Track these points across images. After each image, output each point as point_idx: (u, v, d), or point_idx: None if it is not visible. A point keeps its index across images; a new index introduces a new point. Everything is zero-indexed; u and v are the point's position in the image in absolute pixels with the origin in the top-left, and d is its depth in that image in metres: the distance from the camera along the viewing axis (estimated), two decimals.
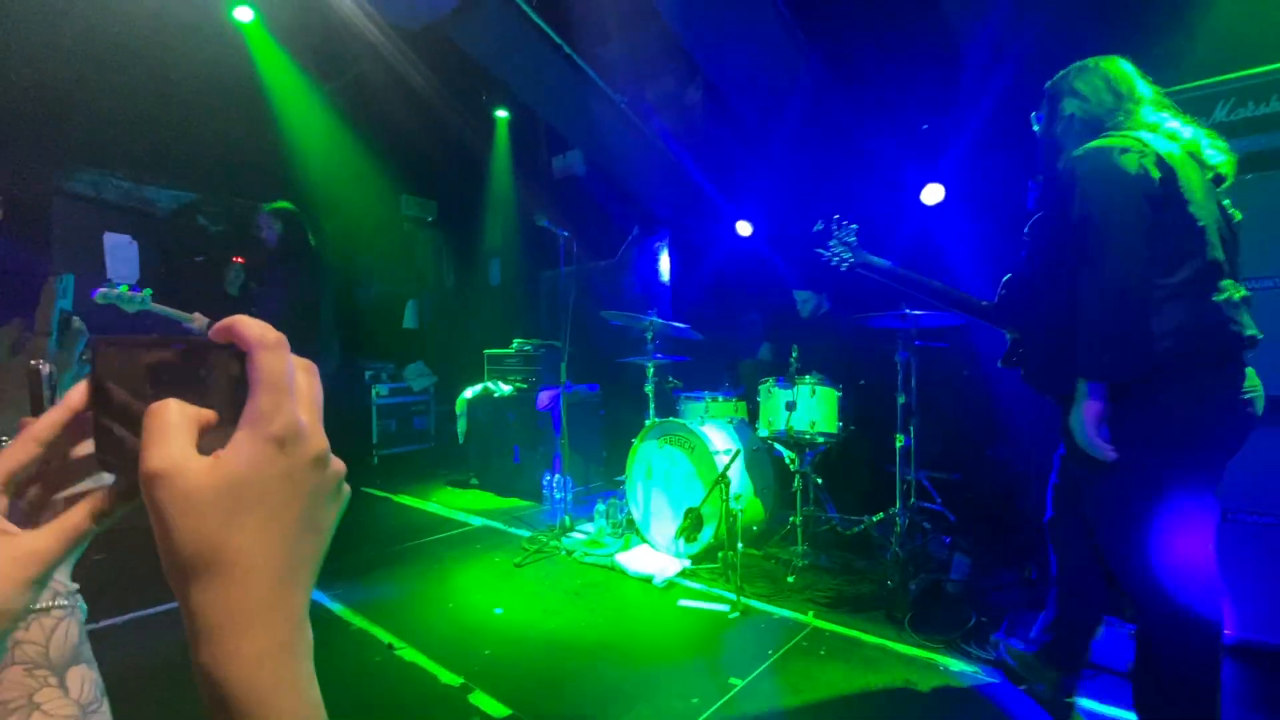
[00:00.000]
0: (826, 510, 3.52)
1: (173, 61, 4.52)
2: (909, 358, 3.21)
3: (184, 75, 4.61)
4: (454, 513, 4.38)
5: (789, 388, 3.14)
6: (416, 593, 3.02)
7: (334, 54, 5.08)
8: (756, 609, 2.70)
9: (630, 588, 2.99)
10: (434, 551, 3.61)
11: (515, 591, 3.01)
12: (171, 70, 4.55)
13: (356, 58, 5.22)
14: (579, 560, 3.32)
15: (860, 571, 3.07)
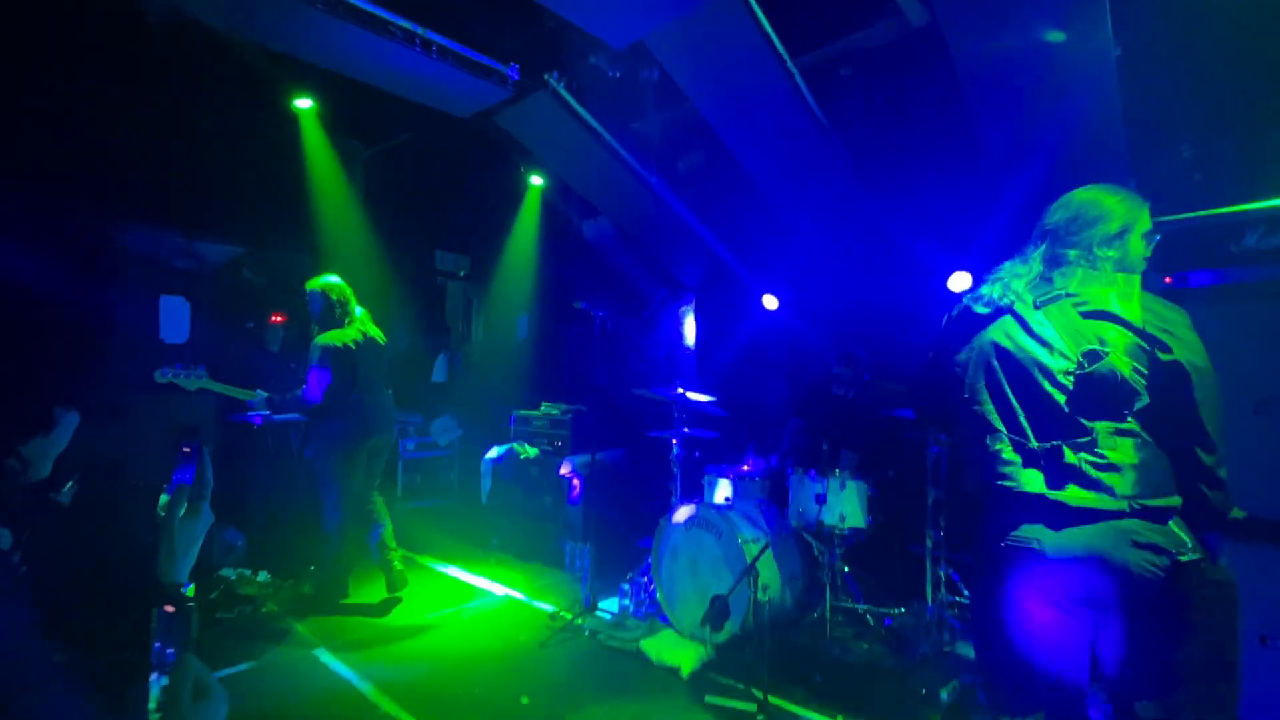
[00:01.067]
0: (854, 600, 3.49)
1: (227, 130, 4.83)
2: (939, 451, 3.23)
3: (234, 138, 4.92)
4: (477, 580, 4.39)
5: (820, 480, 3.16)
6: (444, 672, 3.03)
7: (380, 128, 5.38)
8: (784, 710, 2.67)
9: (656, 679, 2.98)
10: (460, 626, 3.63)
11: (540, 676, 3.00)
12: (223, 134, 4.85)
13: (400, 129, 5.51)
14: (604, 644, 3.31)
15: (889, 671, 3.02)
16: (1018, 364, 1.62)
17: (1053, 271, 1.66)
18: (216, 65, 4.19)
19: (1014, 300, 1.67)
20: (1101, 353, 1.50)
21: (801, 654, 3.14)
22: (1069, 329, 1.56)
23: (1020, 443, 1.60)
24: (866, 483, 3.26)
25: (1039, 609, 1.60)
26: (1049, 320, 1.61)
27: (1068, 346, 1.55)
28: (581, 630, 3.45)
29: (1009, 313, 1.67)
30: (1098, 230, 1.63)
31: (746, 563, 3.01)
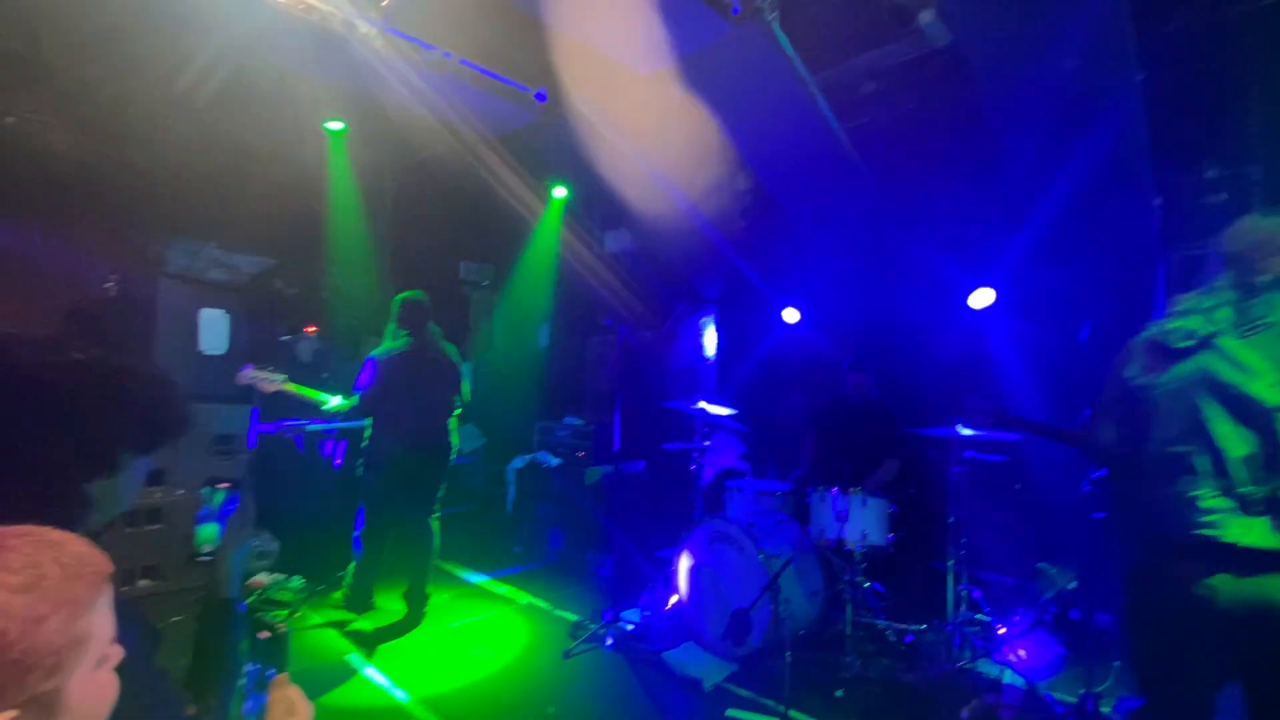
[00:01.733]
0: (875, 616, 3.52)
1: (261, 145, 5.01)
2: (960, 470, 3.25)
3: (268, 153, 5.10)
4: (502, 587, 4.49)
5: (841, 497, 3.21)
6: (474, 681, 3.12)
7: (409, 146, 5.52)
8: None
9: (678, 689, 3.04)
10: (486, 634, 3.72)
11: (565, 687, 3.08)
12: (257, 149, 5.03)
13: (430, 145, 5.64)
14: (626, 654, 3.38)
15: (909, 687, 3.05)
16: (1232, 399, 1.52)
17: (1250, 300, 1.58)
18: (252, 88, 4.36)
19: (1216, 332, 1.57)
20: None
21: (822, 668, 3.18)
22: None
23: (1228, 487, 1.51)
24: (888, 500, 3.30)
25: (1210, 657, 1.56)
26: (1259, 350, 1.51)
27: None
28: (604, 640, 3.52)
29: (1209, 346, 1.57)
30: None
31: (768, 578, 3.07)
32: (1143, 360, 1.70)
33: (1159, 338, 1.67)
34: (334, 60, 3.77)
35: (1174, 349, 1.62)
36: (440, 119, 4.25)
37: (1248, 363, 1.51)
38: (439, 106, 4.17)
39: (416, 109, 4.18)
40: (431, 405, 3.73)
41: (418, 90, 3.92)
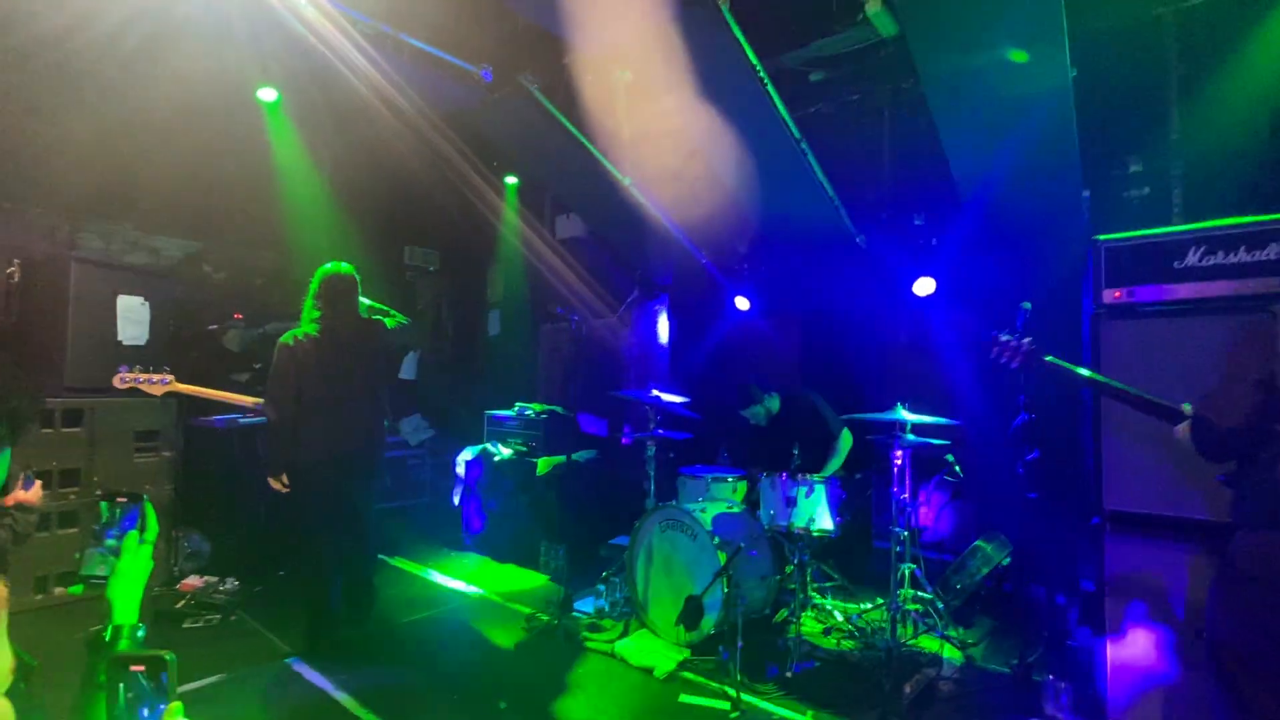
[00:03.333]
0: (824, 596, 3.61)
1: (188, 126, 4.67)
2: (903, 454, 3.35)
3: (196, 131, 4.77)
4: (452, 582, 4.40)
5: (791, 483, 3.26)
6: (420, 680, 3.05)
7: (349, 123, 5.26)
8: (756, 706, 2.77)
9: (632, 679, 3.04)
10: (435, 629, 3.64)
11: (518, 679, 3.04)
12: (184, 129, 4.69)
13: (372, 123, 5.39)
14: (580, 645, 3.36)
15: (856, 665, 3.15)
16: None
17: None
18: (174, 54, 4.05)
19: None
20: None
21: (773, 651, 3.24)
22: None
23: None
24: (834, 485, 3.37)
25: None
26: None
27: None
28: (557, 631, 3.49)
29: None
30: None
31: (720, 564, 3.10)
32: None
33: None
34: (266, 26, 3.53)
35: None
36: (382, 96, 4.05)
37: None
38: (380, 82, 3.97)
39: (355, 84, 3.97)
40: (353, 399, 3.19)
41: (356, 64, 3.72)
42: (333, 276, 3.24)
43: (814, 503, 3.21)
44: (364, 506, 3.29)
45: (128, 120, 4.39)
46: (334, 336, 3.16)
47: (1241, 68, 3.11)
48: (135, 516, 1.13)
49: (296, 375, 3.07)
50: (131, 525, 1.12)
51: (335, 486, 3.13)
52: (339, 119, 4.99)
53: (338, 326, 3.18)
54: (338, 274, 3.26)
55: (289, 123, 5.03)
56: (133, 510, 1.14)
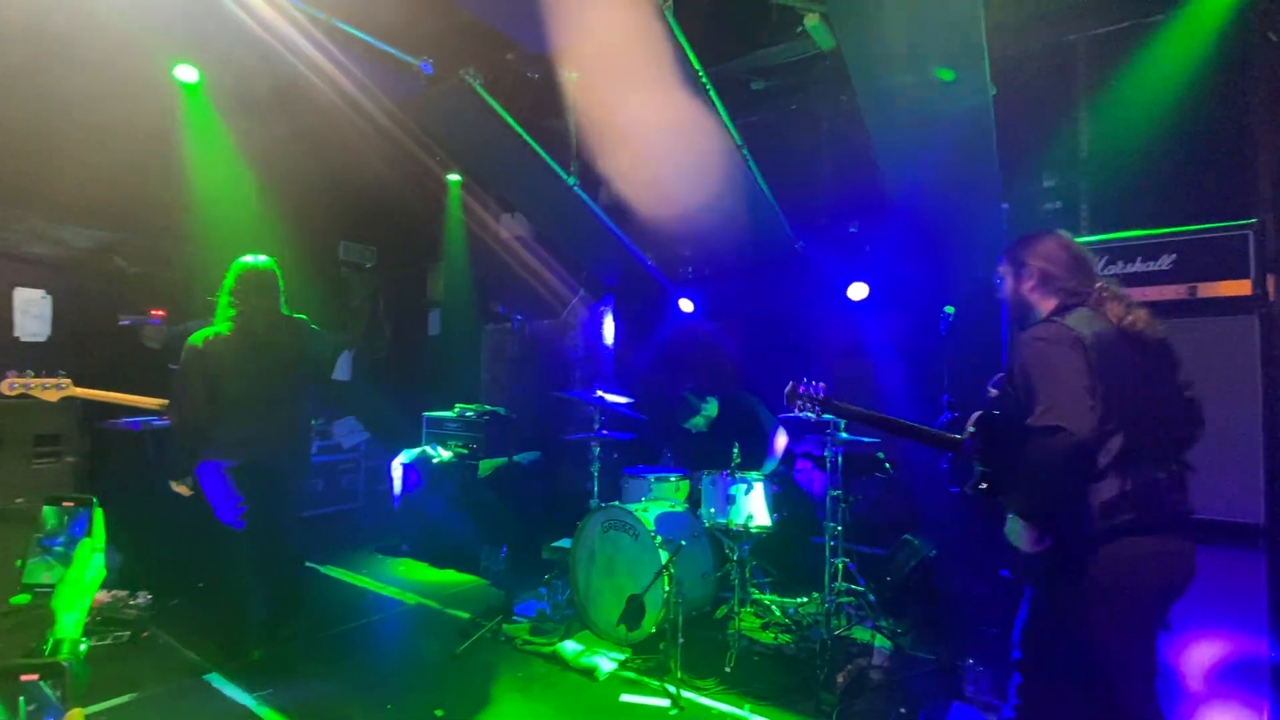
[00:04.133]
0: (763, 591, 3.69)
1: (100, 107, 4.35)
2: (838, 453, 3.47)
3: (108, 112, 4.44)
4: (387, 589, 4.25)
5: (730, 480, 3.32)
6: (353, 691, 2.93)
7: (281, 107, 5.02)
8: (696, 704, 2.80)
9: (572, 681, 3.02)
10: (369, 637, 3.51)
11: (455, 687, 2.97)
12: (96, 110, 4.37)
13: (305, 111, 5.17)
14: (520, 649, 3.31)
15: (792, 658, 3.23)
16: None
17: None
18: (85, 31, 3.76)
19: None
20: None
21: (713, 647, 3.29)
22: None
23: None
24: (772, 482, 3.45)
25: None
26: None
27: None
28: (497, 636, 3.43)
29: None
30: None
31: (662, 562, 3.12)
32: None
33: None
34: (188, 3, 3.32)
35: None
36: (315, 82, 3.88)
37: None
38: (314, 68, 3.80)
39: (286, 68, 3.80)
40: (272, 401, 3.01)
41: (288, 48, 3.56)
42: (249, 271, 3.05)
43: (752, 499, 3.29)
44: (285, 512, 3.13)
45: (33, 100, 4.05)
46: (250, 335, 2.97)
47: (1141, 92, 3.38)
48: (85, 522, 1.04)
49: (205, 377, 2.88)
50: (82, 531, 1.04)
51: (256, 492, 2.96)
52: (269, 105, 4.75)
53: (255, 324, 2.99)
54: (255, 268, 3.07)
55: (212, 106, 4.75)
56: (82, 515, 1.05)
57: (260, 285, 3.05)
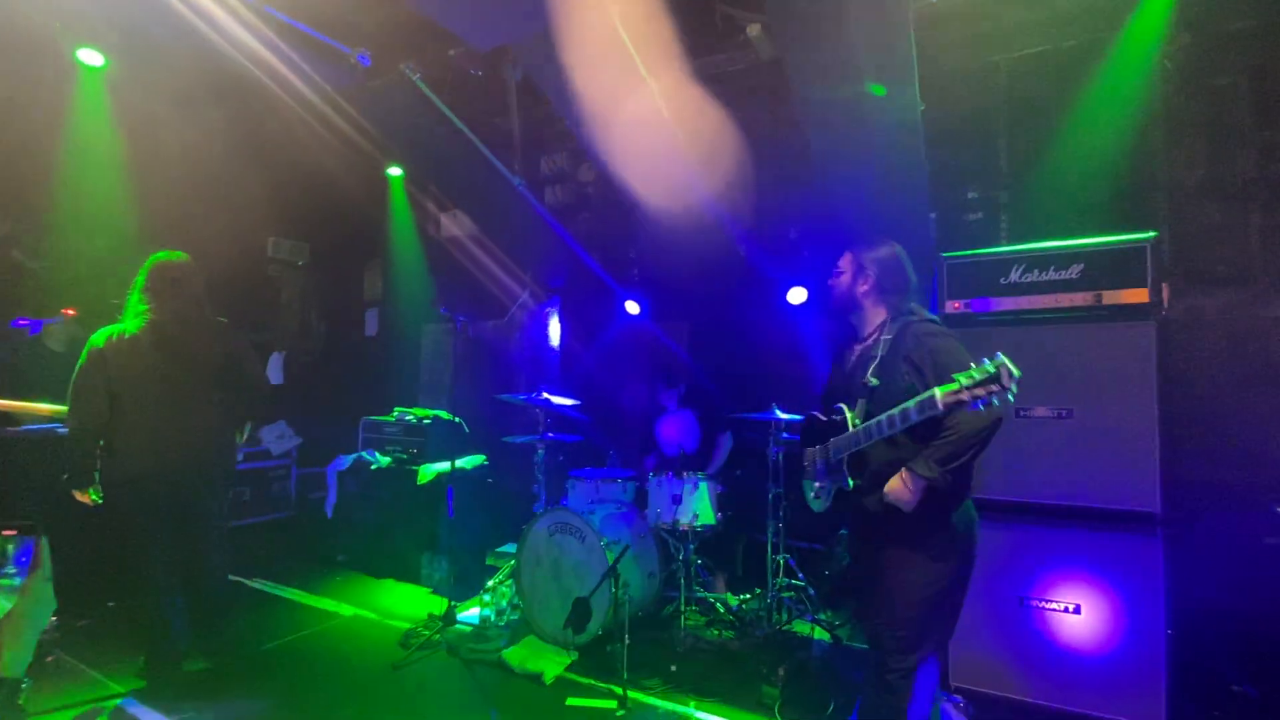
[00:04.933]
0: (707, 590, 3.76)
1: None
2: (779, 451, 3.57)
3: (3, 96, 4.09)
4: (321, 600, 4.08)
5: (676, 480, 3.36)
6: (282, 710, 2.79)
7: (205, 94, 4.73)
8: (643, 703, 2.82)
9: (518, 687, 2.99)
10: (300, 653, 3.35)
11: (394, 699, 2.88)
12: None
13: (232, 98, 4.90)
14: (464, 657, 3.25)
15: (735, 653, 3.30)
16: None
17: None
18: None
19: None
20: None
21: (659, 646, 3.32)
22: None
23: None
24: (716, 482, 3.52)
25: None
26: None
27: None
28: (440, 645, 3.35)
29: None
30: None
31: (609, 564, 3.13)
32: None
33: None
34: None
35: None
36: (243, 69, 3.69)
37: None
38: (243, 54, 3.61)
39: (211, 53, 3.59)
40: (187, 404, 2.82)
41: (214, 32, 3.37)
42: (162, 265, 2.87)
43: (698, 499, 3.34)
44: (199, 526, 2.90)
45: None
46: (161, 334, 2.77)
47: (1056, 112, 3.64)
48: (30, 551, 0.94)
49: (108, 379, 2.68)
50: (27, 561, 0.93)
51: (167, 502, 2.77)
52: (192, 91, 4.48)
53: (167, 322, 2.80)
54: (168, 262, 2.88)
55: (126, 93, 4.44)
56: (27, 545, 0.94)
57: (174, 282, 2.86)
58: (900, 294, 2.10)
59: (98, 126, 4.60)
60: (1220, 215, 3.32)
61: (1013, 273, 2.86)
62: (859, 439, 1.95)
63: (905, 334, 1.99)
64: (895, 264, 2.11)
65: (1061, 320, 2.72)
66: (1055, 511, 2.63)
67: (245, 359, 3.01)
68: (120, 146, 4.77)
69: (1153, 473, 2.48)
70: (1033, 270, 2.83)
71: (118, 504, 2.75)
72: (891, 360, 1.97)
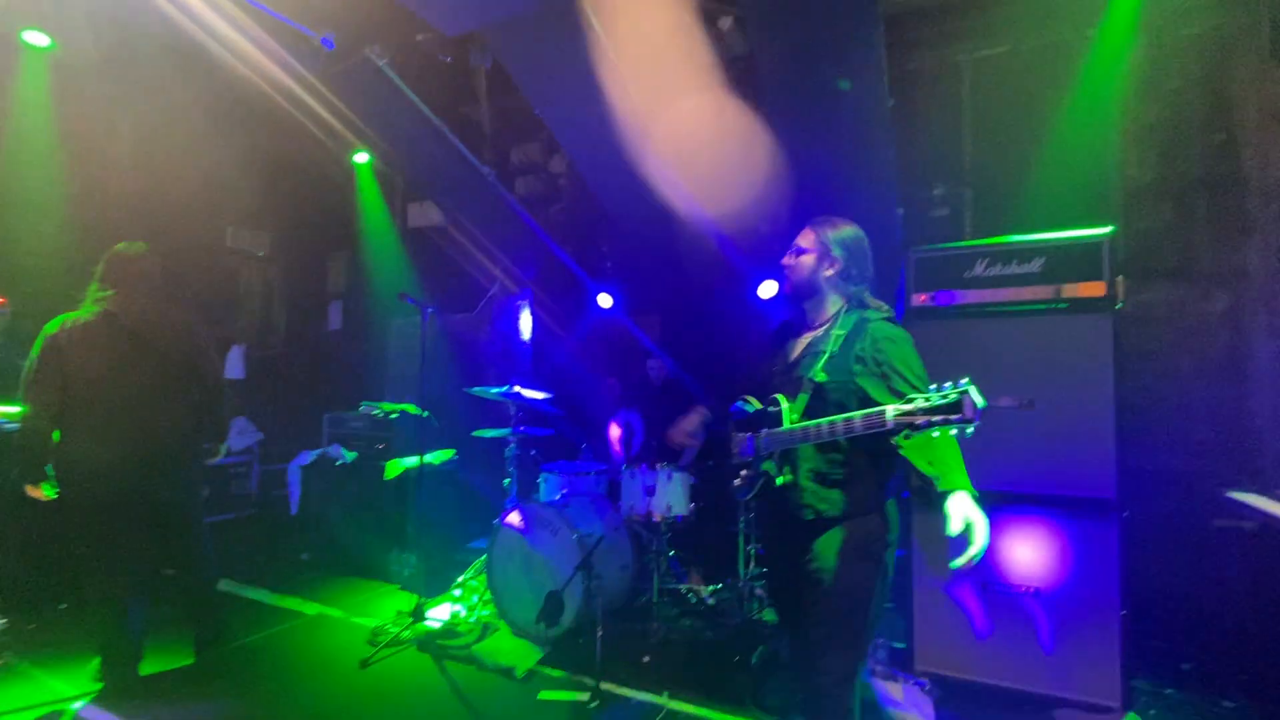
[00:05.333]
0: (679, 581, 3.77)
1: None
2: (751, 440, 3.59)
3: None
4: (284, 600, 3.97)
5: (649, 472, 3.36)
6: (244, 712, 2.71)
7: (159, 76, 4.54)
8: (615, 694, 2.82)
9: (490, 682, 2.96)
10: (264, 654, 3.26)
11: (362, 698, 2.82)
12: None
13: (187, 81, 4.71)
14: (434, 654, 3.20)
15: (708, 643, 3.32)
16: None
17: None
18: None
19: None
20: None
21: (632, 637, 3.32)
22: None
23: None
24: (689, 473, 3.53)
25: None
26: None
27: None
28: (409, 642, 3.30)
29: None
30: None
31: (581, 557, 3.11)
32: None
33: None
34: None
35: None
36: (200, 50, 3.55)
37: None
38: (200, 33, 3.47)
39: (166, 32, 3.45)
40: (149, 394, 2.74)
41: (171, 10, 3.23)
42: (120, 254, 2.82)
43: (672, 490, 3.35)
44: (182, 517, 2.88)
45: None
46: (116, 324, 2.69)
47: (1016, 109, 3.74)
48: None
49: (62, 367, 2.60)
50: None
51: (132, 497, 2.68)
52: (145, 73, 4.30)
53: (126, 310, 2.72)
54: (127, 251, 2.84)
55: (70, 74, 4.24)
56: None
57: (131, 268, 2.79)
58: (861, 284, 1.95)
59: (42, 109, 4.38)
60: (1171, 214, 3.45)
61: (977, 266, 2.92)
62: (795, 437, 1.79)
63: (861, 330, 1.85)
64: (862, 251, 1.96)
65: (1024, 313, 2.79)
66: (1018, 498, 2.71)
67: (201, 355, 2.94)
68: (68, 130, 4.55)
69: (1109, 460, 2.57)
70: (996, 264, 2.90)
71: (74, 499, 2.64)
72: (843, 357, 1.82)
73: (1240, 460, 3.15)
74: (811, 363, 1.85)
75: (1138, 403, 2.63)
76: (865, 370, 1.80)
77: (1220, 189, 3.39)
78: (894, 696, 2.72)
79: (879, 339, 1.82)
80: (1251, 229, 3.30)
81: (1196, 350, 3.37)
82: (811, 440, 1.76)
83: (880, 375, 1.77)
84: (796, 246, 2.02)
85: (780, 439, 1.83)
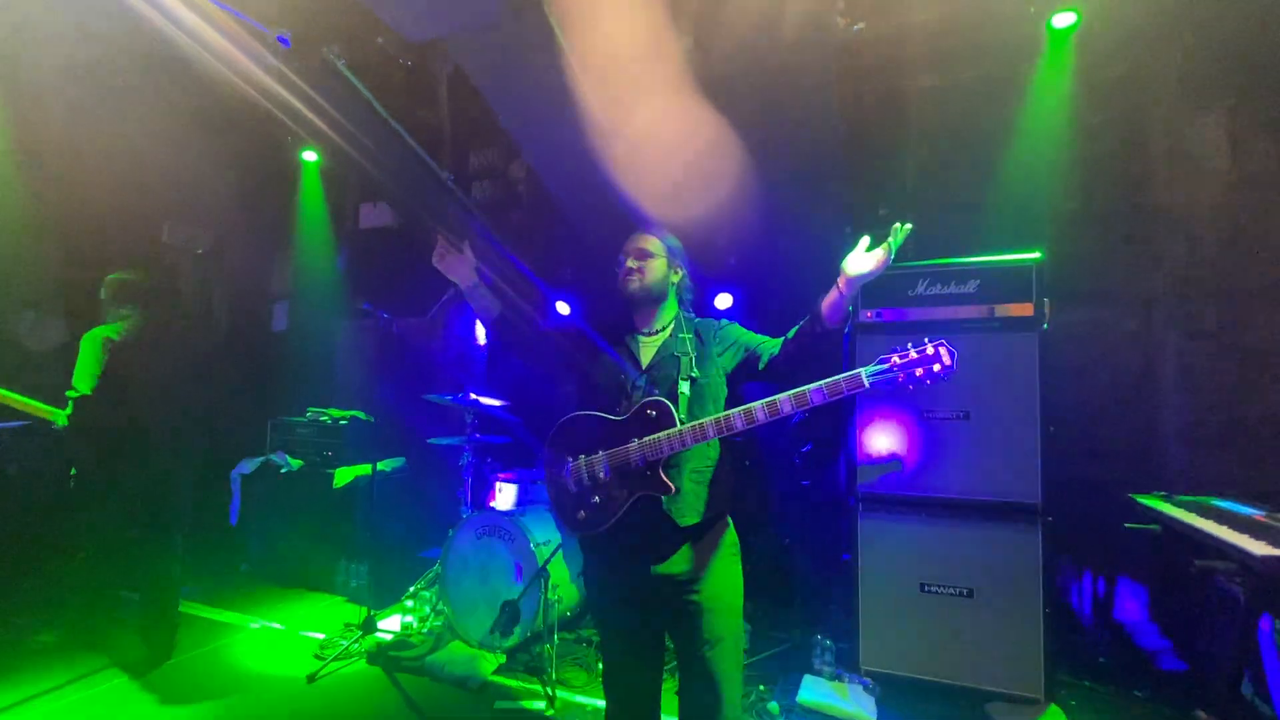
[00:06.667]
0: None
1: None
2: None
3: None
4: (223, 614, 3.81)
5: None
6: None
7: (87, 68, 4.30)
8: (572, 702, 2.84)
9: (444, 693, 2.93)
10: (202, 670, 3.12)
11: (309, 713, 2.75)
12: None
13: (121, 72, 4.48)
14: (385, 666, 3.14)
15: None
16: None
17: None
18: None
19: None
20: None
21: (586, 645, 3.35)
22: None
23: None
24: None
25: None
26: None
27: None
28: (358, 655, 3.23)
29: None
30: None
31: (538, 566, 3.12)
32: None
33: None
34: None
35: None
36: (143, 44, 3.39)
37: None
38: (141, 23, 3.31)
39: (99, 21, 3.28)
40: (166, 406, 3.15)
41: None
42: (120, 283, 3.19)
43: None
44: (175, 518, 3.31)
45: None
46: (144, 336, 3.09)
47: (956, 138, 3.97)
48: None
49: (121, 379, 2.91)
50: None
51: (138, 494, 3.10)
52: (80, 62, 4.07)
53: (147, 328, 3.14)
54: (125, 281, 3.22)
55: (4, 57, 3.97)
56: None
57: (139, 289, 3.22)
58: (690, 290, 2.06)
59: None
60: (1093, 241, 3.74)
61: (919, 285, 3.11)
62: (695, 435, 1.69)
63: (705, 330, 1.97)
64: (687, 260, 2.07)
65: (961, 330, 2.98)
66: (954, 505, 2.88)
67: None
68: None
69: (1034, 469, 2.77)
70: (936, 284, 3.08)
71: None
72: (705, 355, 1.90)
73: (1148, 468, 3.44)
74: (673, 366, 1.86)
75: (1059, 416, 2.84)
76: (733, 359, 1.93)
77: (1134, 219, 3.70)
78: (839, 696, 2.83)
79: (721, 329, 1.98)
80: (1161, 257, 3.61)
81: (1112, 367, 3.66)
82: (725, 433, 1.71)
83: (743, 347, 1.92)
84: (641, 250, 2.00)
85: (671, 441, 1.70)
